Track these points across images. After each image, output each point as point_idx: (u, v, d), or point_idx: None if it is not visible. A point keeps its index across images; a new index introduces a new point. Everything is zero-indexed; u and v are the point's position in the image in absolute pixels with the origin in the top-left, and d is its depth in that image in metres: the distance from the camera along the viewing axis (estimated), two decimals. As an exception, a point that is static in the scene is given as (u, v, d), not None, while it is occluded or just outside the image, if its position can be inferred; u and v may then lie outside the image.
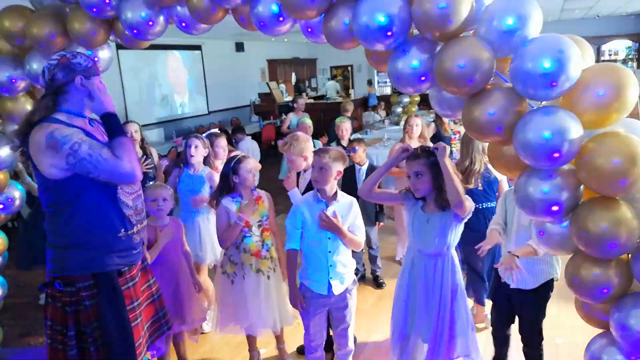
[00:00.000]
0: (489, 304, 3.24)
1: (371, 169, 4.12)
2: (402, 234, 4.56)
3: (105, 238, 2.11)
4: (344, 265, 2.64)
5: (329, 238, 2.57)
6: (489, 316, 3.24)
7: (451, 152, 5.18)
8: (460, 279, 2.53)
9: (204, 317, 3.26)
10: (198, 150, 3.61)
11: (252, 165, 2.92)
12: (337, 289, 2.61)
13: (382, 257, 4.52)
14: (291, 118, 7.08)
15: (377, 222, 4.31)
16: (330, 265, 2.58)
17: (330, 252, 2.58)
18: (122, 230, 2.15)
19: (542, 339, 2.75)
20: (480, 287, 3.49)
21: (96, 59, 2.75)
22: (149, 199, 2.90)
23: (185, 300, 2.99)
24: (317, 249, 2.59)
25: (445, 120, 6.03)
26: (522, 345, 2.82)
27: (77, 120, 2.12)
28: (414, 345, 2.54)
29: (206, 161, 3.69)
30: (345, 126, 4.72)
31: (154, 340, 2.46)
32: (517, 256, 2.46)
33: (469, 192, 2.94)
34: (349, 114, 6.78)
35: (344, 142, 4.65)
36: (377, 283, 4.38)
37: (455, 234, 2.44)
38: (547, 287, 2.67)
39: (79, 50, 2.46)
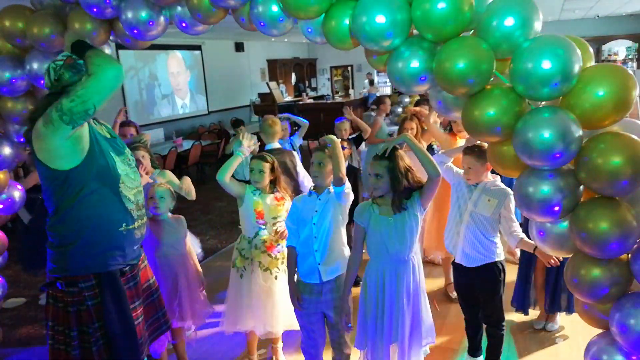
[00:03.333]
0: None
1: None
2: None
3: (107, 232, 2.11)
4: (331, 251, 2.61)
5: (314, 224, 2.58)
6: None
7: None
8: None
9: (208, 311, 3.24)
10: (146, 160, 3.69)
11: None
12: (325, 275, 2.60)
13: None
14: (381, 123, 5.55)
15: None
16: (316, 250, 2.59)
17: (315, 237, 2.59)
18: (124, 224, 2.15)
19: (503, 319, 2.89)
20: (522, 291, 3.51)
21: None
22: (147, 197, 2.90)
23: (185, 297, 3.00)
24: (304, 235, 2.62)
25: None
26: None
27: None
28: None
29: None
30: (344, 127, 4.93)
31: (154, 339, 2.47)
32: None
33: None
34: (387, 108, 6.44)
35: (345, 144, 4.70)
36: None
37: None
38: (491, 268, 2.82)
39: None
